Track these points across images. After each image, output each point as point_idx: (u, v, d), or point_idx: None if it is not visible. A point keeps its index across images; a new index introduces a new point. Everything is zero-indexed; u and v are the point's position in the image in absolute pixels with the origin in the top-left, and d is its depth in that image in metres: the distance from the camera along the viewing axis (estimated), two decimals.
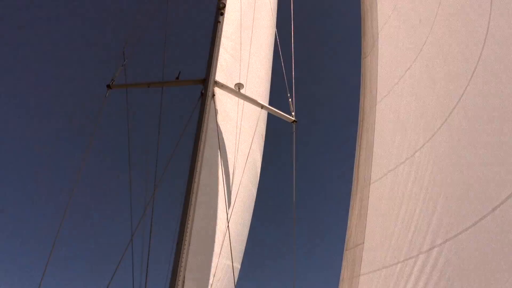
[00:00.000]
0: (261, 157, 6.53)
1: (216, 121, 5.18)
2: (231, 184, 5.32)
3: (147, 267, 3.90)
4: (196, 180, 4.34)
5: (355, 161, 5.09)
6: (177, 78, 5.64)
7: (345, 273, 4.57)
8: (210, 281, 4.63)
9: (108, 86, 5.86)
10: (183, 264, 3.90)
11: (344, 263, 4.62)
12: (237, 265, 5.37)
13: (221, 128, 5.40)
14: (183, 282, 3.83)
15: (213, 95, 5.25)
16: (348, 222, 4.81)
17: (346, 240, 4.75)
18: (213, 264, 4.71)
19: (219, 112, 5.35)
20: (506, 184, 2.86)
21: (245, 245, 5.76)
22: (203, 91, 5.20)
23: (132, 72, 6.17)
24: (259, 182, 6.47)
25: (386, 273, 3.97)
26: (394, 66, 5.16)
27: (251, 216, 6.00)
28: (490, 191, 3.00)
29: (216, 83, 5.42)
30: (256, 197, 6.34)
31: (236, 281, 4.85)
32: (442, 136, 3.85)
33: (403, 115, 4.74)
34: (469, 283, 3.03)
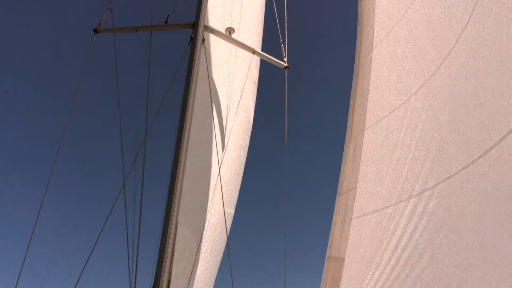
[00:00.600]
0: (254, 104, 6.46)
1: (207, 67, 5.05)
2: (223, 131, 5.28)
3: (140, 213, 3.93)
4: (187, 126, 4.28)
5: (350, 107, 5.04)
6: (166, 22, 5.45)
7: (337, 217, 4.63)
8: (205, 225, 4.70)
9: (95, 31, 5.66)
10: (175, 209, 3.91)
11: (336, 207, 4.67)
12: (231, 211, 5.44)
13: (212, 74, 5.28)
14: (176, 226, 3.86)
15: (203, 40, 5.09)
16: (342, 167, 4.82)
17: (339, 185, 4.79)
18: (207, 210, 4.75)
19: (209, 57, 5.21)
20: (499, 127, 2.83)
21: (238, 191, 5.80)
22: (192, 36, 5.04)
23: (120, 16, 5.95)
24: (252, 129, 6.43)
25: (377, 216, 4.03)
26: (392, 8, 5.00)
27: (244, 163, 6.00)
28: (483, 134, 2.98)
29: (206, 28, 5.24)
30: (250, 144, 6.33)
31: (229, 226, 4.92)
32: (437, 80, 3.79)
33: (399, 60, 4.65)
34: (458, 225, 3.07)
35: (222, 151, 5.18)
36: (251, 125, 6.37)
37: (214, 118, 5.18)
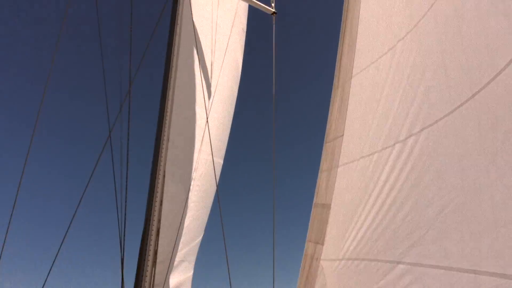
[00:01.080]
0: (242, 52, 6.33)
1: (191, 13, 4.89)
2: (209, 80, 5.20)
3: (127, 163, 3.92)
4: (173, 75, 4.21)
5: (337, 54, 4.96)
6: None
7: (324, 165, 4.68)
8: (193, 175, 4.73)
9: None
10: (162, 159, 3.92)
11: (323, 155, 4.71)
12: (219, 160, 5.46)
13: (196, 22, 5.12)
14: (164, 176, 3.88)
15: None
16: (329, 116, 4.81)
17: (326, 132, 4.80)
18: (194, 159, 4.76)
19: (194, 3, 5.03)
20: (487, 69, 2.80)
21: (227, 141, 5.80)
22: None
23: None
24: (241, 78, 6.34)
25: (363, 163, 4.07)
26: None
27: (232, 112, 5.96)
28: (470, 79, 2.95)
29: None
30: (238, 94, 6.26)
31: (218, 175, 4.96)
32: (425, 25, 3.71)
33: (387, 5, 4.52)
34: (441, 170, 3.11)
35: (210, 100, 5.12)
36: (239, 74, 6.27)
37: (201, 66, 5.08)
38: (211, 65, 5.37)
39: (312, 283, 4.32)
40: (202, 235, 5.25)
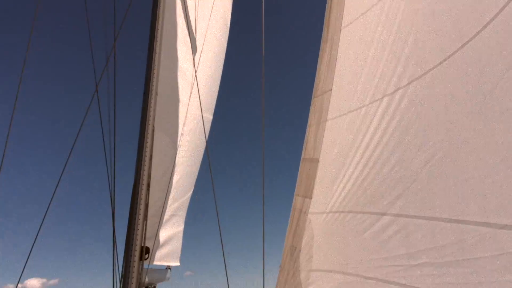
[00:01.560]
0: (231, 7, 6.16)
1: None
2: (197, 33, 5.09)
3: (114, 117, 3.90)
4: (159, 27, 4.11)
5: (327, 6, 4.85)
6: None
7: (312, 119, 4.69)
8: (182, 130, 4.72)
9: None
10: (151, 113, 3.89)
11: (312, 109, 4.71)
12: (209, 116, 5.44)
13: None
14: (153, 131, 3.87)
15: None
16: (317, 70, 4.77)
17: (314, 87, 4.78)
18: (183, 113, 4.73)
19: None
20: (477, 20, 2.77)
21: (216, 97, 5.76)
22: None
23: None
24: (230, 33, 6.21)
25: (351, 117, 4.08)
26: None
27: (221, 66, 5.88)
28: (461, 28, 2.92)
29: None
30: (227, 49, 6.14)
31: (207, 130, 4.96)
32: None
33: None
34: (428, 123, 3.13)
35: (198, 54, 5.03)
36: (228, 28, 6.14)
37: (189, 20, 4.96)
38: (199, 18, 5.24)
39: (300, 236, 4.43)
40: (192, 191, 5.31)
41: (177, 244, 4.95)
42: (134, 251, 3.41)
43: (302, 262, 4.24)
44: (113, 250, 3.55)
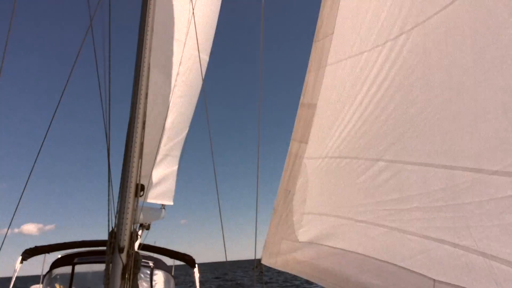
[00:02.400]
0: None
1: None
2: None
3: (109, 52, 3.80)
4: None
5: None
6: None
7: (312, 64, 4.60)
8: (178, 70, 4.63)
9: None
10: (147, 49, 3.80)
11: (312, 54, 4.60)
12: (205, 56, 5.33)
13: None
14: (148, 69, 3.80)
15: None
16: (320, 13, 4.62)
17: (316, 31, 4.64)
18: (179, 52, 4.63)
19: None
20: None
21: (212, 38, 5.61)
22: None
23: None
24: None
25: (352, 62, 4.01)
26: None
27: (219, 7, 5.68)
28: None
29: None
30: None
31: (204, 71, 4.87)
32: None
33: None
34: (428, 70, 3.08)
35: None
36: None
37: None
38: None
39: (295, 180, 4.47)
40: (187, 131, 5.30)
41: (171, 183, 5.01)
42: (130, 187, 3.44)
43: (295, 205, 4.31)
44: (108, 187, 3.57)
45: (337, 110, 4.10)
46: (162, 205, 5.23)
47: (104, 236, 3.56)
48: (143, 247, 5.08)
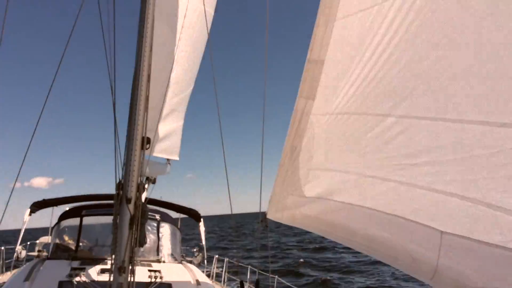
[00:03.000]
0: None
1: None
2: None
3: (114, 3, 3.69)
4: None
5: None
6: None
7: (321, 19, 4.47)
8: (183, 23, 4.51)
9: None
10: (151, 5, 3.69)
11: (321, 7, 4.45)
12: (210, 11, 5.18)
13: None
14: (153, 21, 3.70)
15: None
16: None
17: None
18: (184, 5, 4.49)
19: None
20: None
21: None
22: None
23: None
24: None
25: (362, 16, 3.89)
26: None
27: None
28: None
29: None
30: None
31: (209, 26, 4.75)
32: None
33: None
34: (441, 23, 3.00)
35: None
36: None
37: None
38: None
39: (301, 136, 4.45)
40: (192, 87, 5.22)
41: (177, 139, 4.99)
42: (136, 140, 3.42)
43: (301, 161, 4.31)
44: (115, 139, 3.56)
45: (346, 65, 4.02)
46: (168, 160, 5.24)
47: (113, 190, 3.58)
48: (149, 201, 5.13)
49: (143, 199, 3.63)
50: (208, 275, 8.57)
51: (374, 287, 19.28)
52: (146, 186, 5.61)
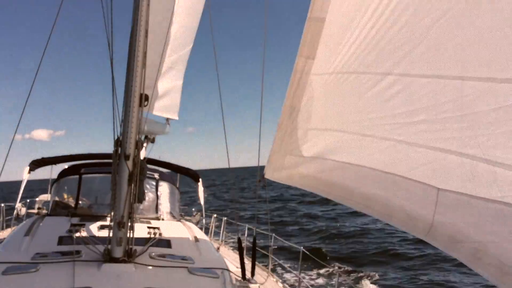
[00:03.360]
0: None
1: None
2: None
3: None
4: None
5: None
6: None
7: None
8: None
9: None
10: None
11: None
12: None
13: None
14: None
15: None
16: None
17: None
18: None
19: None
20: None
21: None
22: None
23: None
24: None
25: None
26: None
27: None
28: None
29: None
30: None
31: None
32: None
33: None
34: None
35: None
36: None
37: None
38: None
39: (300, 96, 4.41)
40: (191, 45, 5.14)
41: (176, 97, 4.96)
42: (134, 97, 3.39)
43: (300, 121, 4.29)
44: (113, 96, 3.53)
45: (347, 24, 3.94)
46: (167, 119, 5.22)
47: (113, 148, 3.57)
48: (148, 161, 5.16)
49: (142, 157, 3.63)
50: (207, 233, 8.73)
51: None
52: (144, 144, 5.62)
